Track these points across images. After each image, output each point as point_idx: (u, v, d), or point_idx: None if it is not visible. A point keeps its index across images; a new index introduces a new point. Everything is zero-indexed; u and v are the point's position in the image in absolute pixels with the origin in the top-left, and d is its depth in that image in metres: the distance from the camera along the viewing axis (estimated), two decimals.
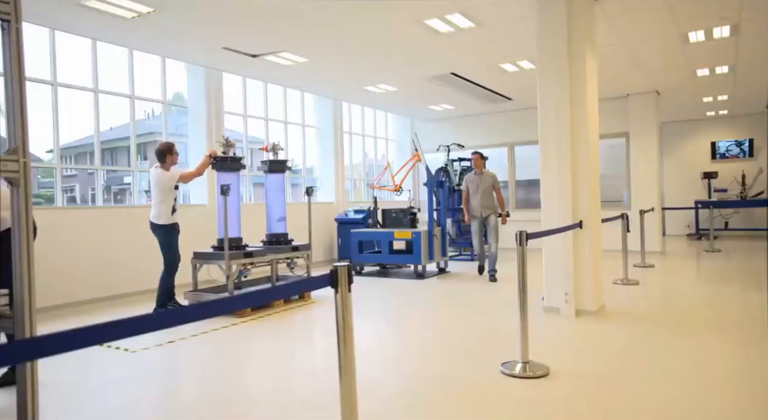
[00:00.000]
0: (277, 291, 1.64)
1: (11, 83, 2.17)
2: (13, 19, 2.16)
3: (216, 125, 8.05)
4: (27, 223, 2.17)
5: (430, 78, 8.60)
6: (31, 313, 2.16)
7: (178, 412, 2.96)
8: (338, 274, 1.75)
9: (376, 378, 3.33)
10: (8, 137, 2.17)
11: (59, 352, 1.31)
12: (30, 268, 2.18)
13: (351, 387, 1.76)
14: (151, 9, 5.37)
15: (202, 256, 5.69)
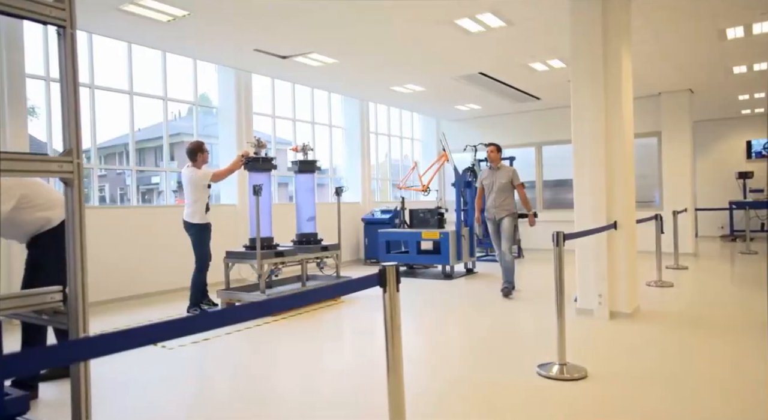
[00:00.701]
0: (326, 290, 1.66)
1: (66, 87, 2.23)
2: (68, 25, 2.22)
3: (246, 126, 8.16)
4: (80, 221, 2.24)
5: (457, 78, 8.57)
6: (84, 309, 2.23)
7: (213, 409, 3.01)
8: (386, 273, 1.76)
9: (409, 379, 3.33)
10: (63, 139, 2.23)
11: (115, 351, 1.35)
12: (83, 265, 2.24)
13: (399, 387, 1.77)
14: (186, 12, 5.48)
15: (235, 255, 5.78)
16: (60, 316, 2.31)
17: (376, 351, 4.21)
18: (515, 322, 4.96)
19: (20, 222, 3.14)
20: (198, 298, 5.33)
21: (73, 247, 2.23)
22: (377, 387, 3.21)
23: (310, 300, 1.57)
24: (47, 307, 2.31)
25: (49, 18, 2.18)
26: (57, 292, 2.35)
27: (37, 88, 6.09)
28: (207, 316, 1.37)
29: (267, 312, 1.45)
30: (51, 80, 6.18)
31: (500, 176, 6.16)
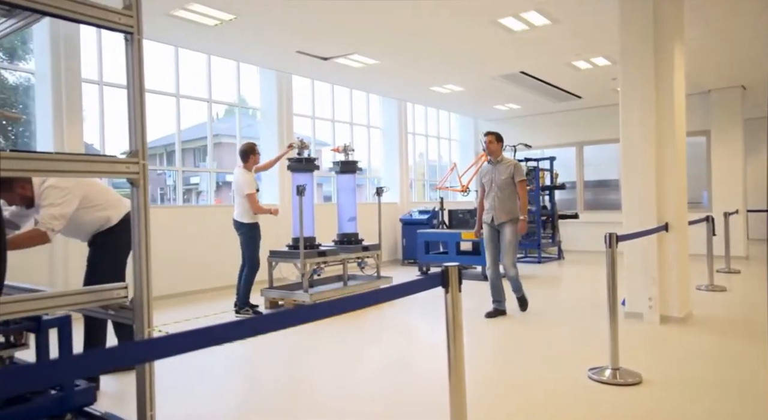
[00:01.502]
0: (390, 291, 1.67)
1: (133, 91, 2.32)
2: (135, 31, 2.31)
3: (287, 127, 8.28)
4: (146, 220, 2.32)
5: (498, 77, 8.48)
6: (149, 304, 2.31)
7: (257, 404, 3.07)
8: (449, 274, 1.77)
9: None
10: (129, 141, 2.32)
11: (186, 351, 1.39)
12: (148, 263, 2.33)
13: (460, 388, 1.77)
14: (233, 16, 5.60)
15: (278, 254, 5.88)
16: (125, 312, 2.40)
17: (427, 351, 4.21)
18: (560, 324, 4.88)
19: (82, 222, 3.27)
20: (248, 297, 5.43)
21: (139, 245, 2.31)
22: (433, 387, 3.21)
23: (378, 300, 1.59)
24: (113, 302, 2.39)
25: (117, 25, 2.27)
26: (122, 289, 2.43)
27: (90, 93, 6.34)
28: (285, 314, 1.40)
29: (340, 311, 1.47)
30: (104, 84, 6.42)
31: (500, 171, 5.10)
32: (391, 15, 5.66)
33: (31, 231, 2.87)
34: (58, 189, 2.98)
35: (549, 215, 10.01)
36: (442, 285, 1.77)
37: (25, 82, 6.29)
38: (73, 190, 3.08)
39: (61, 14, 2.14)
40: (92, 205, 3.27)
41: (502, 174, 5.09)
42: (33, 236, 2.84)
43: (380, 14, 5.63)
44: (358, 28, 6.10)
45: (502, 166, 5.12)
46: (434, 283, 1.78)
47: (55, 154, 2.10)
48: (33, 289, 2.55)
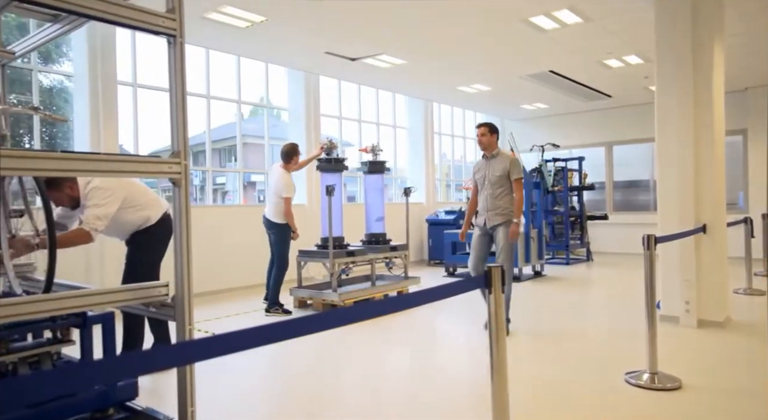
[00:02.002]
0: (434, 292, 1.67)
1: (175, 93, 2.36)
2: (178, 34, 2.35)
3: (314, 127, 8.34)
4: (187, 219, 2.36)
5: (526, 76, 8.40)
6: (190, 302, 2.35)
7: (290, 402, 3.09)
8: (492, 275, 1.75)
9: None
10: (171, 141, 2.36)
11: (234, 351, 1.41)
12: (189, 261, 2.36)
13: (503, 390, 1.76)
14: (264, 18, 5.66)
15: (307, 254, 5.92)
16: (166, 309, 2.44)
17: (462, 351, 4.19)
18: (592, 326, 4.80)
19: (123, 221, 3.35)
20: (277, 296, 5.47)
21: (181, 243, 2.35)
22: (469, 389, 3.20)
23: (423, 301, 1.59)
24: (155, 300, 2.44)
25: (161, 28, 2.32)
26: (163, 286, 2.48)
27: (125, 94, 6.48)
28: (329, 314, 1.40)
29: (382, 312, 1.48)
30: (138, 86, 6.56)
31: (494, 167, 4.49)
32: (420, 14, 5.65)
33: (76, 230, 2.95)
34: (102, 189, 3.06)
35: (577, 216, 9.87)
36: (485, 285, 1.75)
37: (58, 85, 6.47)
38: (115, 191, 3.16)
39: (108, 18, 2.19)
40: (133, 205, 3.34)
41: (497, 170, 4.47)
42: (77, 236, 2.91)
43: (409, 14, 5.62)
44: (387, 29, 6.11)
45: (496, 162, 4.50)
46: (477, 284, 1.76)
47: (103, 155, 2.15)
48: (77, 287, 2.61)
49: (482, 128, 4.58)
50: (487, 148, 4.54)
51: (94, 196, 3.05)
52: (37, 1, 1.95)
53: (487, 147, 4.54)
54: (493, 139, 4.56)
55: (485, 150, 4.57)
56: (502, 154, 4.56)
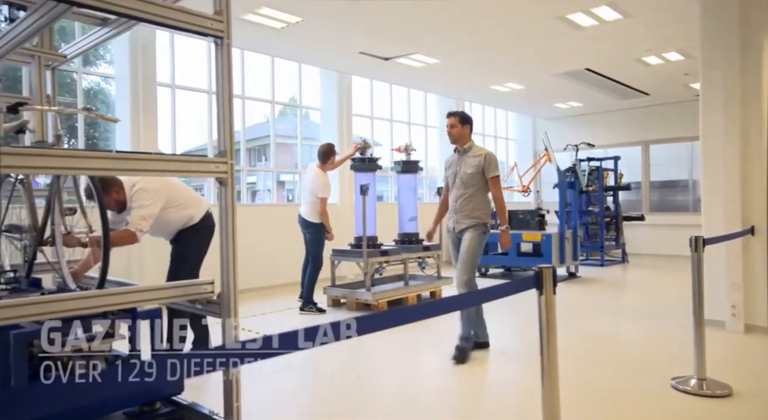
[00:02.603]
0: (484, 293, 1.65)
1: (222, 94, 2.39)
2: (225, 35, 2.38)
3: (346, 127, 8.38)
4: (233, 218, 2.39)
5: (561, 75, 8.27)
6: (235, 299, 2.39)
7: (333, 400, 3.11)
8: (543, 276, 1.73)
9: (533, 386, 3.25)
10: (218, 141, 2.39)
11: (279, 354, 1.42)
12: (235, 258, 2.40)
13: (554, 394, 1.73)
14: (300, 19, 5.72)
15: (341, 253, 5.95)
16: (212, 306, 2.49)
17: (501, 353, 4.15)
18: (632, 329, 4.70)
19: (167, 221, 3.41)
20: (311, 295, 5.52)
21: (227, 241, 2.38)
22: (511, 392, 3.16)
23: (474, 302, 1.57)
24: (201, 297, 2.49)
25: (209, 30, 2.35)
26: (209, 284, 2.52)
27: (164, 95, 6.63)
28: (387, 314, 1.41)
29: (436, 313, 1.47)
30: (176, 87, 6.71)
31: (466, 163, 3.92)
32: (455, 13, 5.61)
33: (122, 231, 3.03)
34: (146, 191, 3.13)
35: (613, 217, 9.67)
36: (535, 287, 1.73)
37: (95, 87, 6.66)
38: (159, 191, 3.22)
39: (158, 21, 2.23)
40: (176, 204, 3.40)
41: (469, 167, 3.90)
42: (123, 236, 2.99)
43: (444, 12, 5.60)
44: (422, 28, 6.09)
45: (469, 157, 3.91)
46: (527, 285, 1.74)
47: (154, 155, 2.20)
48: (125, 283, 2.69)
49: (451, 118, 3.98)
50: (458, 141, 3.96)
51: (139, 197, 3.13)
52: (95, 6, 2.00)
53: (458, 139, 3.95)
54: (464, 130, 3.96)
55: (456, 143, 3.99)
56: (476, 149, 3.97)
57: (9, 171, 1.71)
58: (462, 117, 3.98)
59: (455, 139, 3.97)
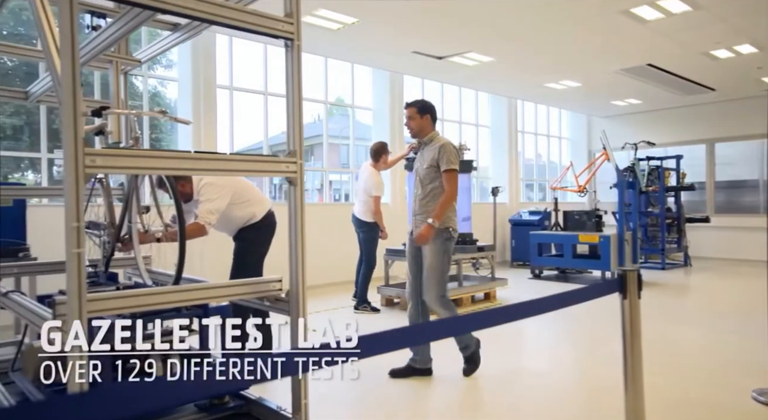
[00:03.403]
0: (564, 297, 1.60)
1: (292, 95, 2.43)
2: (295, 37, 2.42)
3: (398, 127, 8.37)
4: (302, 217, 2.42)
5: (620, 71, 7.98)
6: (304, 297, 2.42)
7: (391, 400, 3.10)
8: (627, 279, 1.66)
9: (617, 393, 3.15)
10: (287, 141, 2.43)
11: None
12: (303, 257, 2.43)
13: (639, 403, 1.66)
14: (356, 20, 5.75)
15: (395, 253, 5.95)
16: (280, 303, 2.53)
17: (575, 360, 4.06)
18: (703, 336, 4.47)
19: (231, 217, 3.50)
20: (365, 294, 5.55)
21: (296, 240, 2.42)
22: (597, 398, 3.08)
23: (555, 306, 1.53)
24: (270, 294, 2.53)
25: (280, 32, 2.40)
26: (277, 282, 2.57)
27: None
28: (486, 314, 1.39)
29: (530, 314, 1.44)
30: (234, 89, 6.89)
31: (423, 157, 3.48)
32: (512, 10, 5.51)
33: (192, 224, 3.13)
34: (214, 186, 3.23)
35: (675, 218, 9.25)
36: (619, 291, 1.66)
37: (152, 89, 6.92)
38: (225, 186, 3.32)
39: (231, 24, 2.28)
40: (241, 201, 3.49)
41: (425, 161, 3.43)
42: (193, 229, 3.09)
43: (501, 9, 5.51)
44: (477, 26, 6.01)
45: (427, 150, 3.45)
46: (610, 289, 1.68)
47: (229, 155, 2.26)
48: (196, 280, 2.77)
49: (408, 110, 3.52)
50: (419, 134, 3.50)
51: (206, 192, 3.23)
52: (177, 12, 2.07)
53: (419, 132, 3.50)
54: (424, 121, 3.47)
55: (416, 136, 3.54)
56: (436, 141, 3.44)
57: (100, 171, 1.79)
58: (420, 107, 3.50)
59: (415, 132, 3.52)
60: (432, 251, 3.33)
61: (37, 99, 3.55)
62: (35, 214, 4.67)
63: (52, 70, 1.90)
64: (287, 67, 2.46)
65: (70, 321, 1.82)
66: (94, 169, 1.80)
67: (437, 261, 3.32)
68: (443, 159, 3.34)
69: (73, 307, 1.80)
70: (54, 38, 1.91)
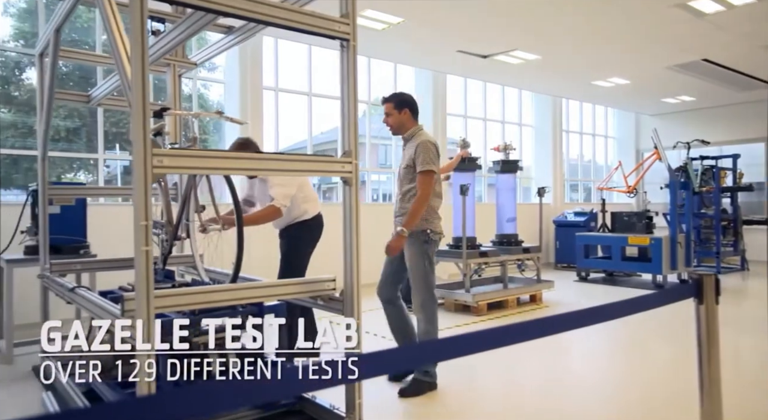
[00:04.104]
0: (635, 303, 1.54)
1: (347, 95, 2.43)
2: (351, 37, 2.43)
3: (441, 127, 8.33)
4: (357, 217, 2.42)
5: (673, 67, 7.69)
6: (358, 297, 2.42)
7: (446, 401, 3.07)
8: (704, 283, 1.58)
9: (685, 408, 3.03)
10: (342, 142, 2.44)
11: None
12: (358, 256, 2.43)
13: (716, 416, 1.58)
14: (402, 19, 5.74)
15: (439, 253, 5.89)
16: (334, 303, 2.54)
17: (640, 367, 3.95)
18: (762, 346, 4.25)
19: (289, 207, 3.52)
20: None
21: (351, 239, 2.42)
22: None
23: (623, 312, 1.47)
24: (323, 293, 2.55)
25: (336, 33, 2.41)
26: (331, 281, 2.58)
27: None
28: (541, 322, 1.35)
29: (600, 319, 1.39)
30: (279, 90, 7.00)
31: (404, 155, 3.29)
32: (560, 5, 5.39)
33: (268, 207, 3.23)
34: None
35: (731, 220, 8.85)
36: (694, 296, 1.59)
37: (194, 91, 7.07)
38: (293, 179, 3.37)
39: (287, 25, 2.30)
40: (302, 194, 3.53)
41: (404, 159, 3.25)
42: (269, 212, 3.21)
43: (549, 5, 5.39)
44: (523, 23, 5.91)
45: (408, 147, 3.23)
46: (685, 294, 1.60)
47: (286, 155, 2.30)
48: (251, 279, 2.82)
49: (386, 105, 3.26)
50: (399, 130, 3.26)
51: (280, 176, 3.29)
52: (238, 15, 2.11)
53: (398, 129, 3.25)
54: (402, 116, 3.21)
55: (396, 133, 3.30)
56: (416, 137, 3.19)
57: (167, 171, 1.84)
58: (397, 102, 3.23)
59: (395, 129, 3.27)
60: (410, 256, 3.19)
61: (98, 102, 3.70)
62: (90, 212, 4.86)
63: (122, 75, 1.96)
64: (342, 67, 2.47)
65: (138, 317, 1.88)
66: (162, 169, 1.85)
67: (416, 266, 3.19)
68: (419, 159, 3.11)
69: (141, 304, 1.85)
70: (124, 44, 1.97)
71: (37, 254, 3.45)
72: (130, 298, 1.97)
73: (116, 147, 6.15)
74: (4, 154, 5.27)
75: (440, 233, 3.24)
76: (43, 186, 3.31)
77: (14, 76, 5.68)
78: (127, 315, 1.98)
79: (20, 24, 5.71)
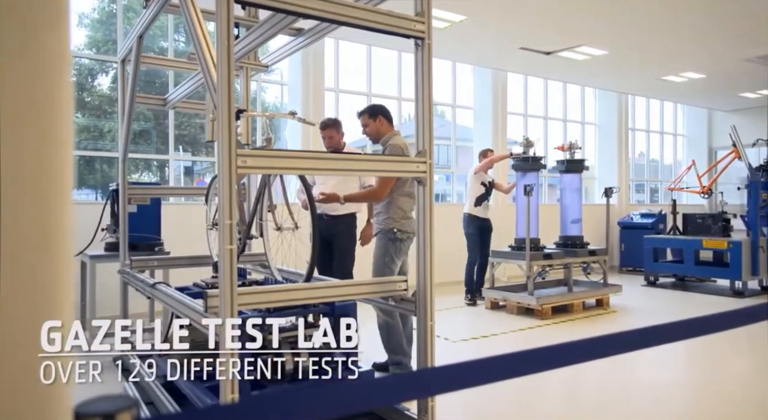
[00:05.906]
0: (747, 313, 1.43)
1: (422, 95, 2.40)
2: (426, 36, 2.40)
3: (501, 126, 8.16)
4: (431, 217, 2.38)
5: (754, 58, 7.21)
6: (432, 298, 2.38)
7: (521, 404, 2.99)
8: None
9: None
10: (416, 141, 2.41)
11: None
12: (432, 258, 2.39)
13: None
14: (464, 17, 5.66)
15: (501, 254, 5.79)
16: (405, 303, 2.52)
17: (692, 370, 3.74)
18: None
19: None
20: (480, 286, 5.79)
21: (425, 240, 2.38)
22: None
23: (727, 325, 1.36)
24: (396, 294, 2.52)
25: (412, 31, 2.38)
26: (402, 282, 2.56)
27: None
28: (636, 334, 1.27)
29: (696, 333, 1.30)
30: (340, 92, 7.06)
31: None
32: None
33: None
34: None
35: None
36: None
37: (253, 94, 7.23)
38: None
39: (363, 25, 2.29)
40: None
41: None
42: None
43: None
44: (590, 17, 5.69)
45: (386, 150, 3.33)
46: None
47: (361, 155, 2.30)
48: (320, 279, 2.84)
49: (361, 118, 3.40)
50: (378, 138, 3.36)
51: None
52: (315, 16, 2.12)
53: (377, 136, 3.36)
54: (378, 124, 3.33)
55: (377, 141, 3.41)
56: (392, 141, 3.26)
57: (250, 171, 1.87)
58: (370, 112, 3.38)
59: (373, 138, 3.39)
60: (375, 250, 3.33)
61: (173, 105, 3.85)
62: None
63: (207, 78, 2.01)
64: (417, 66, 2.44)
65: (221, 314, 1.92)
66: (246, 169, 1.89)
67: (376, 260, 3.28)
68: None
69: (226, 301, 1.89)
70: (209, 49, 2.02)
71: (116, 251, 3.62)
72: (213, 295, 2.02)
73: (179, 148, 6.39)
74: (78, 156, 5.57)
75: (409, 233, 3.27)
76: (123, 186, 3.46)
77: (87, 83, 6.00)
78: (210, 312, 2.03)
79: (93, 33, 6.03)
